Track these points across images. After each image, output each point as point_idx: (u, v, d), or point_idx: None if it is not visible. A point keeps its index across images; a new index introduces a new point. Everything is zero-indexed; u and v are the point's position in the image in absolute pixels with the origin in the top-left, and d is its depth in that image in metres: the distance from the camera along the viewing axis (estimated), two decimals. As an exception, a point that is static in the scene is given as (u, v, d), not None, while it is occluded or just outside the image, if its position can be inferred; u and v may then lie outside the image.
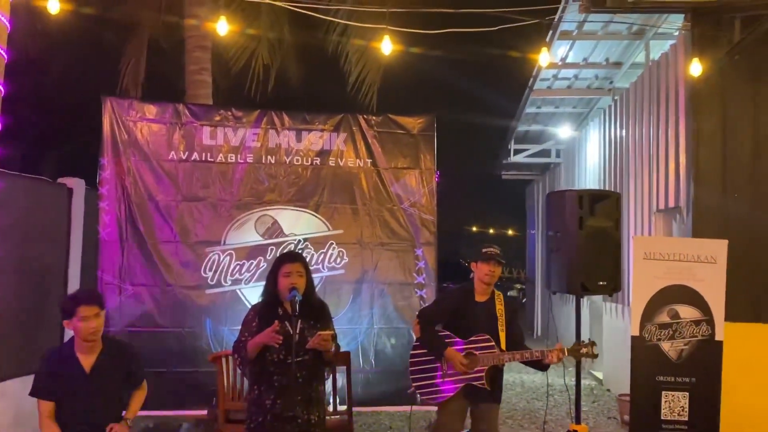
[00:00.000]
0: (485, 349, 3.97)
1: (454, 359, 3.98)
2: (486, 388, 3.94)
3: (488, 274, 4.07)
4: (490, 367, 3.95)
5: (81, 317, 3.66)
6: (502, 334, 4.02)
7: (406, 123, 6.24)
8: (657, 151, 7.07)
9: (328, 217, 6.04)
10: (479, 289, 4.13)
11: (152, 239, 5.72)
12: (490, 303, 4.11)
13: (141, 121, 5.85)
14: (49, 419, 3.68)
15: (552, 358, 3.90)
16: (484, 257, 4.08)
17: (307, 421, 3.49)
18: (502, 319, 4.05)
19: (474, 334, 4.03)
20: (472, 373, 3.96)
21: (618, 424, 6.76)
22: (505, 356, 3.94)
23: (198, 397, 5.40)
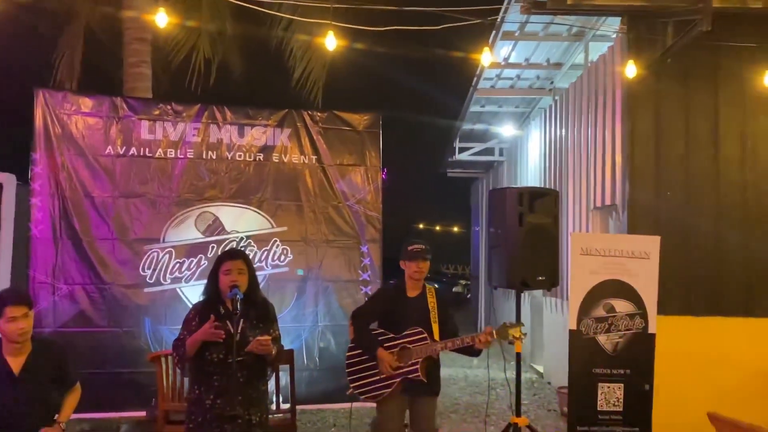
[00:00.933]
0: (418, 341, 4.02)
1: (384, 361, 4.02)
2: (422, 380, 3.98)
3: (417, 270, 4.13)
4: (424, 359, 3.99)
5: (8, 318, 3.51)
6: (435, 326, 4.07)
7: (352, 120, 6.22)
8: (594, 151, 7.28)
9: (271, 215, 5.97)
10: (410, 284, 4.19)
11: (88, 236, 5.52)
12: (421, 297, 4.17)
13: (76, 115, 5.63)
14: (-25, 424, 3.51)
15: (481, 341, 3.96)
16: (410, 255, 4.12)
17: (248, 421, 3.45)
18: (435, 312, 4.11)
19: (407, 329, 4.06)
20: (407, 366, 4.00)
21: (557, 416, 6.94)
22: (438, 345, 3.99)
23: (137, 398, 5.26)
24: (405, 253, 4.18)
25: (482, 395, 7.91)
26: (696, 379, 5.75)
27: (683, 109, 6.17)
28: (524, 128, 11.17)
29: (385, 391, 4.05)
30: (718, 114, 6.15)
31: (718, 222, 6.07)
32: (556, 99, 9.14)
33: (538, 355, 9.73)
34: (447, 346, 3.96)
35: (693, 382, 5.73)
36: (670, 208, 6.07)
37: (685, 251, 6.00)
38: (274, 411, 4.91)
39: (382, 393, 4.06)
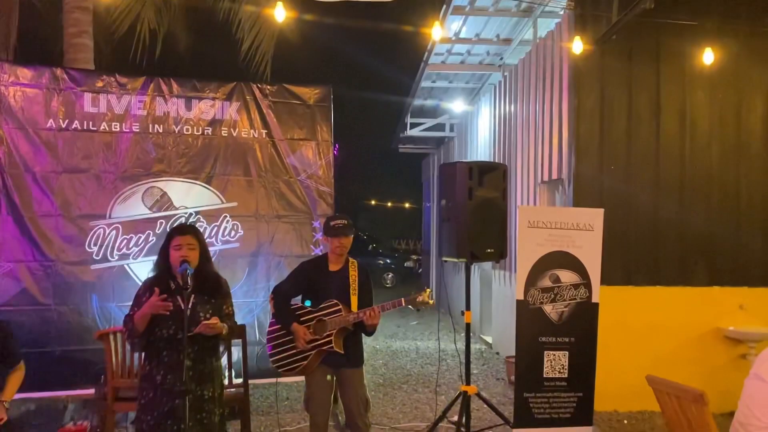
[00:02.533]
0: (332, 313, 4.07)
1: (298, 334, 4.06)
2: (338, 351, 4.04)
3: (338, 246, 4.16)
4: (338, 330, 4.04)
5: None
6: (354, 298, 4.12)
7: (302, 93, 6.17)
8: (542, 126, 7.43)
9: (221, 190, 5.90)
10: (332, 258, 4.22)
11: (30, 212, 5.35)
12: (343, 271, 4.21)
13: (14, 86, 5.40)
14: None
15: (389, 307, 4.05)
16: (333, 231, 4.16)
17: (200, 396, 3.45)
18: (355, 285, 4.16)
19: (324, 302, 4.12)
20: (321, 339, 4.05)
21: (505, 384, 7.16)
22: (350, 316, 4.03)
23: (85, 376, 5.16)
24: (327, 229, 4.20)
25: (432, 366, 8.08)
26: (636, 346, 6.03)
27: (627, 85, 6.36)
28: (474, 104, 11.28)
29: (302, 363, 4.11)
30: (659, 90, 6.37)
31: (657, 195, 6.32)
32: (506, 75, 9.25)
33: (487, 327, 9.97)
34: (359, 316, 4.00)
35: (633, 349, 6.00)
36: (614, 182, 6.28)
37: (626, 224, 6.24)
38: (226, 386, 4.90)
39: (298, 365, 4.12)
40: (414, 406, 6.29)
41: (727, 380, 5.83)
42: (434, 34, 6.48)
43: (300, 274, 4.28)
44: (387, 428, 5.55)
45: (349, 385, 4.14)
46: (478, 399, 5.52)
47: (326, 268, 4.21)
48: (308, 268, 4.30)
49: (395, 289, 19.62)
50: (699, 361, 6.06)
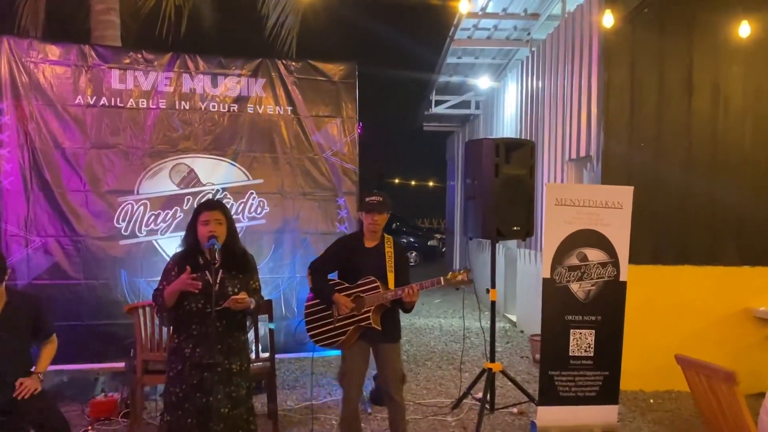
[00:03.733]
0: (370, 290, 4.07)
1: (340, 303, 4.07)
2: (376, 328, 4.06)
3: (372, 223, 4.14)
4: (376, 307, 4.05)
5: None
6: (391, 275, 4.11)
7: (327, 70, 6.13)
8: (570, 102, 7.31)
9: (247, 167, 5.92)
10: (367, 235, 4.21)
11: (60, 188, 5.43)
12: (379, 247, 4.19)
13: (43, 63, 5.45)
14: (-47, 376, 3.52)
15: (427, 285, 4.03)
16: (367, 207, 4.14)
17: (227, 369, 3.49)
18: (391, 261, 4.14)
19: (361, 279, 4.12)
20: (360, 315, 4.07)
21: (530, 363, 7.15)
22: (389, 294, 4.03)
23: (115, 350, 5.27)
24: (363, 205, 4.19)
25: (456, 343, 8.09)
26: (663, 326, 5.96)
27: (658, 60, 6.21)
28: (501, 80, 11.12)
29: (340, 338, 4.12)
30: (692, 65, 6.20)
31: (688, 173, 6.19)
32: (533, 50, 9.10)
33: (512, 305, 9.95)
34: (397, 294, 3.99)
35: (660, 329, 5.93)
36: (643, 159, 6.16)
37: (656, 202, 6.13)
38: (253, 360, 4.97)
39: (336, 340, 4.14)
40: (438, 383, 6.32)
41: (756, 361, 5.76)
42: (461, 7, 6.38)
43: (336, 250, 4.30)
44: (411, 404, 5.58)
45: (387, 360, 4.16)
46: (502, 377, 5.52)
47: (362, 245, 4.20)
48: (344, 244, 4.30)
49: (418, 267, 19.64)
50: (727, 342, 5.98)
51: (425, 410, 5.43)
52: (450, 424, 5.10)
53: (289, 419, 5.12)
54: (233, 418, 3.50)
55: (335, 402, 5.52)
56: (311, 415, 5.13)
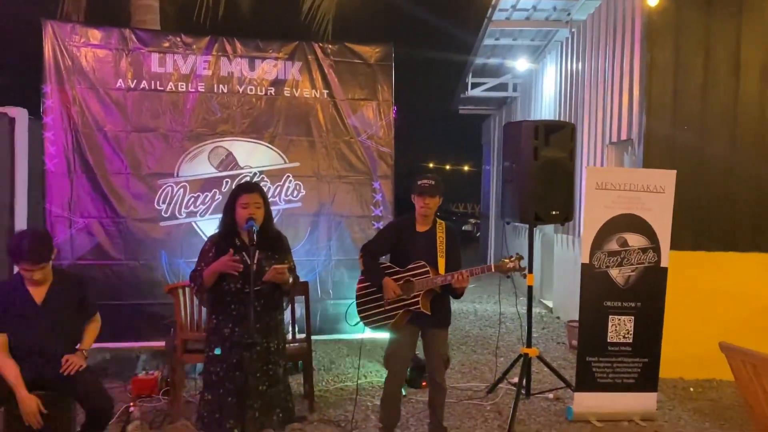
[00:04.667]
0: (420, 275, 4.05)
1: (388, 287, 4.07)
2: (425, 312, 4.04)
3: (423, 206, 4.11)
4: (425, 292, 4.03)
5: (24, 269, 3.61)
6: (441, 260, 4.08)
7: (364, 52, 6.10)
8: (612, 84, 7.14)
9: (284, 150, 5.94)
10: (419, 219, 4.18)
11: (102, 171, 5.53)
12: (431, 232, 4.16)
13: (85, 47, 5.54)
14: (3, 351, 3.65)
15: (477, 272, 3.98)
16: (419, 190, 4.11)
17: (266, 348, 3.55)
18: (442, 246, 4.10)
19: (412, 263, 4.11)
20: (409, 299, 4.06)
21: (566, 348, 7.08)
22: (438, 279, 4.00)
23: (155, 329, 5.38)
24: (415, 188, 4.17)
25: (492, 328, 8.06)
26: (705, 313, 5.83)
27: (704, 39, 6.01)
28: (539, 62, 10.93)
29: (389, 321, 4.13)
30: (739, 44, 6.00)
31: (733, 156, 6.01)
32: (573, 31, 8.91)
33: (548, 291, 9.85)
34: (447, 279, 3.97)
35: (702, 316, 5.80)
36: (687, 143, 6.00)
37: (699, 186, 5.97)
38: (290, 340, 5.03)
39: (386, 323, 4.15)
40: (473, 367, 6.31)
41: (804, 351, 5.59)
42: (499, -12, 6.26)
43: (388, 234, 4.31)
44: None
45: (433, 344, 4.17)
46: (537, 362, 5.48)
47: (413, 229, 4.18)
48: (396, 228, 4.30)
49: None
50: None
51: (460, 394, 5.42)
52: (485, 408, 5.09)
53: (325, 399, 5.17)
54: (271, 396, 3.56)
55: (371, 384, 5.56)
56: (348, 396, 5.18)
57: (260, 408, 3.50)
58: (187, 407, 4.74)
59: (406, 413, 4.88)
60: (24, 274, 3.66)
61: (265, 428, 3.63)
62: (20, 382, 3.56)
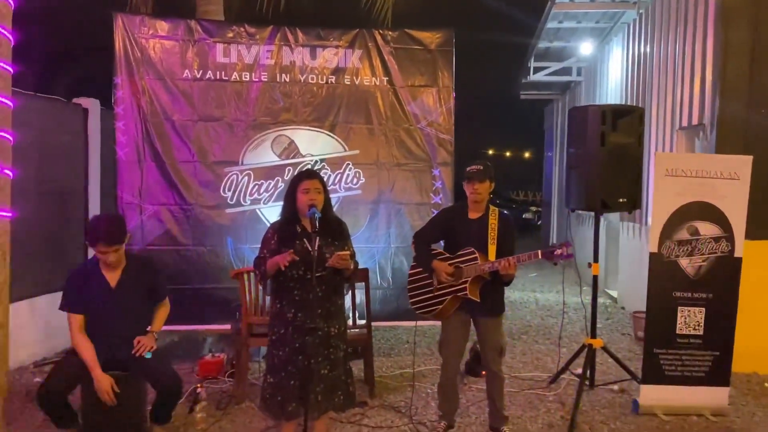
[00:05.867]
0: (469, 261, 4.01)
1: (439, 269, 4.06)
2: (474, 299, 4.00)
3: (473, 192, 4.07)
4: (474, 278, 3.99)
5: (99, 251, 3.76)
6: (492, 247, 4.02)
7: (424, 38, 6.05)
8: (682, 66, 6.85)
9: (344, 138, 5.98)
10: (471, 206, 4.14)
11: (170, 159, 5.71)
12: (483, 219, 4.11)
13: (153, 39, 5.71)
14: (80, 331, 3.82)
15: (524, 259, 3.92)
16: (468, 176, 4.07)
17: (327, 333, 3.59)
18: (494, 233, 4.05)
19: (461, 249, 4.07)
20: (457, 285, 4.03)
21: (631, 340, 6.89)
22: (486, 265, 3.95)
23: (221, 313, 5.53)
24: (465, 174, 4.14)
25: (554, 318, 7.92)
26: (782, 306, 5.55)
27: (785, 17, 5.68)
28: (605, 45, 10.59)
29: (437, 307, 4.12)
30: (825, 22, 5.63)
31: (816, 141, 5.66)
32: (641, 12, 8.57)
33: (613, 281, 9.60)
34: (494, 266, 3.91)
35: (779, 309, 5.53)
36: (763, 127, 5.69)
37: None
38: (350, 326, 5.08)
39: (434, 309, 4.14)
40: (535, 357, 6.22)
41: None
42: (564, -31, 6.08)
43: (439, 220, 4.30)
44: (507, 377, 5.51)
45: (486, 332, 4.15)
46: (601, 353, 5.35)
47: (465, 216, 4.16)
48: (448, 215, 4.29)
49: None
50: None
51: (521, 384, 5.36)
52: (547, 399, 5.02)
53: (384, 385, 5.21)
54: (332, 379, 3.61)
55: (431, 371, 5.56)
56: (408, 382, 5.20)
57: (322, 391, 3.55)
58: (252, 389, 4.87)
59: (466, 401, 4.86)
60: (99, 257, 3.82)
61: (327, 411, 3.70)
62: (95, 362, 3.74)
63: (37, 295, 5.75)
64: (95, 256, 3.88)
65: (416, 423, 4.46)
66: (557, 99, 14.76)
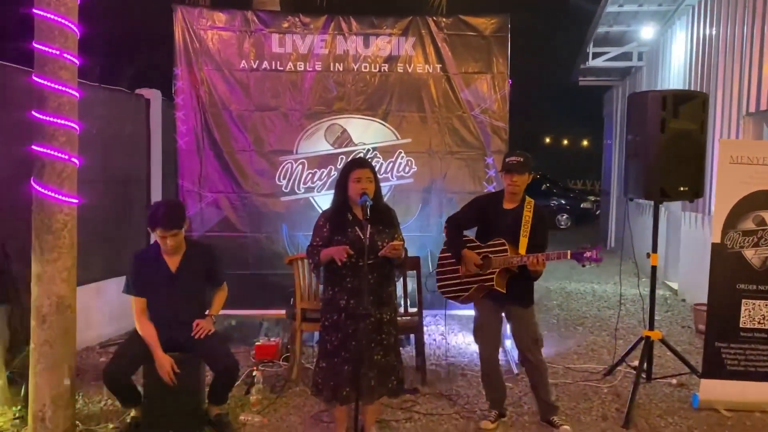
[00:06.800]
0: (498, 253, 3.98)
1: (467, 258, 4.05)
2: (500, 291, 3.96)
3: (511, 184, 4.02)
4: (501, 270, 3.95)
5: (159, 236, 3.89)
6: (524, 240, 3.97)
7: (478, 24, 5.97)
8: (750, 49, 6.55)
9: (396, 126, 5.98)
10: (507, 197, 4.10)
11: (228, 148, 5.84)
12: (518, 210, 4.06)
13: (211, 30, 5.84)
14: (142, 314, 3.97)
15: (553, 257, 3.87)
16: (506, 168, 4.02)
17: (379, 319, 3.63)
18: (527, 226, 3.99)
19: (492, 239, 4.03)
20: (484, 275, 4.00)
21: (692, 333, 6.68)
22: (515, 259, 3.90)
23: (277, 298, 5.64)
24: (503, 165, 4.09)
25: (610, 310, 7.75)
26: None
27: None
28: (668, 29, 10.21)
29: (463, 294, 4.14)
30: None
31: None
32: (707, -7, 8.22)
33: (673, 272, 9.31)
34: (523, 260, 3.87)
35: None
36: (840, 112, 5.40)
37: None
38: (402, 313, 5.11)
39: (460, 295, 4.16)
40: (590, 348, 6.11)
41: None
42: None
43: (474, 207, 4.27)
44: (560, 368, 5.46)
45: (517, 323, 4.12)
46: (660, 346, 5.21)
47: (500, 205, 4.13)
48: (482, 203, 4.27)
49: (569, 230, 18.98)
50: None
51: (575, 375, 5.28)
52: (602, 391, 4.93)
53: (436, 374, 5.22)
54: (386, 364, 3.65)
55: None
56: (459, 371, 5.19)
57: (376, 376, 3.60)
58: (306, 373, 4.96)
59: (519, 392, 4.83)
60: (160, 242, 3.96)
61: (381, 396, 3.74)
62: (157, 344, 3.89)
63: (104, 279, 6.01)
64: (156, 242, 4.02)
65: (467, 411, 4.46)
66: (617, 85, 14.34)
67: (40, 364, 3.69)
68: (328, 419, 4.18)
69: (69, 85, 3.68)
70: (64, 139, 3.68)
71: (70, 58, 3.69)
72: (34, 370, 3.71)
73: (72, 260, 3.76)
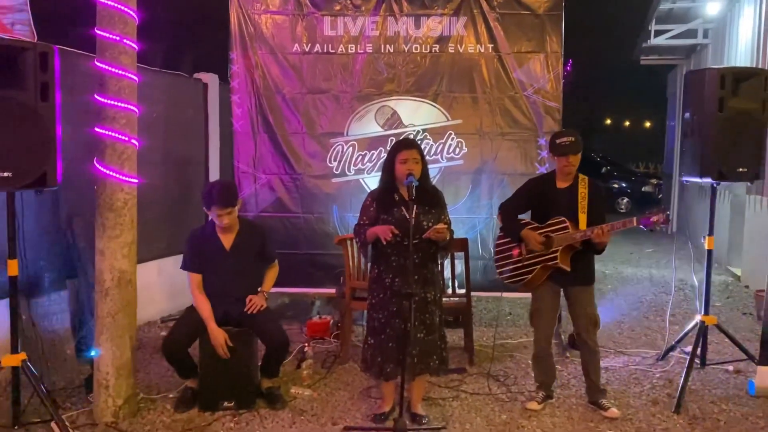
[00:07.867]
0: (560, 231, 3.94)
1: (530, 239, 4.01)
2: (564, 268, 3.92)
3: (567, 164, 3.98)
4: (564, 247, 3.91)
5: (215, 214, 4.04)
6: (582, 216, 3.92)
7: (531, 2, 5.86)
8: (824, 23, 6.21)
9: (446, 107, 5.96)
10: (560, 177, 4.06)
11: (281, 131, 5.97)
12: (572, 187, 4.01)
13: (265, 14, 5.95)
14: (198, 289, 4.15)
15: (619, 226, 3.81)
16: (560, 150, 3.96)
17: (423, 298, 3.69)
18: (584, 202, 3.94)
19: (551, 218, 3.99)
20: (547, 254, 3.96)
21: (753, 321, 6.46)
22: (578, 234, 3.86)
23: (328, 277, 5.77)
24: (553, 147, 4.03)
25: (667, 295, 7.57)
26: None
27: None
28: (735, 3, 9.76)
29: (526, 276, 4.08)
30: None
31: None
32: (778, -35, 7.82)
33: (736, 258, 8.99)
34: (586, 235, 3.83)
35: None
36: None
37: None
38: (450, 295, 5.15)
39: (523, 278, 4.11)
40: (643, 333, 6.01)
41: None
42: None
43: (527, 191, 4.25)
44: (612, 352, 5.40)
45: (577, 303, 4.08)
46: (718, 333, 5.07)
47: (554, 185, 4.10)
48: (535, 185, 4.24)
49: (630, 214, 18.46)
50: None
51: (627, 360, 5.21)
52: (654, 375, 4.85)
53: (485, 354, 5.24)
54: (428, 343, 3.71)
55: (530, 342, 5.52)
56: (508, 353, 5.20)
57: (418, 354, 3.66)
58: (355, 351, 5.06)
59: (567, 374, 4.81)
60: (216, 220, 4.11)
61: (423, 374, 3.81)
62: (211, 318, 4.06)
63: (165, 257, 6.28)
64: (212, 221, 4.19)
65: (514, 392, 4.47)
66: (681, 64, 13.82)
67: (103, 335, 3.91)
68: (377, 395, 4.27)
69: (128, 70, 3.85)
70: (125, 122, 3.86)
71: (129, 44, 3.86)
72: (98, 341, 3.94)
73: (132, 237, 3.96)
